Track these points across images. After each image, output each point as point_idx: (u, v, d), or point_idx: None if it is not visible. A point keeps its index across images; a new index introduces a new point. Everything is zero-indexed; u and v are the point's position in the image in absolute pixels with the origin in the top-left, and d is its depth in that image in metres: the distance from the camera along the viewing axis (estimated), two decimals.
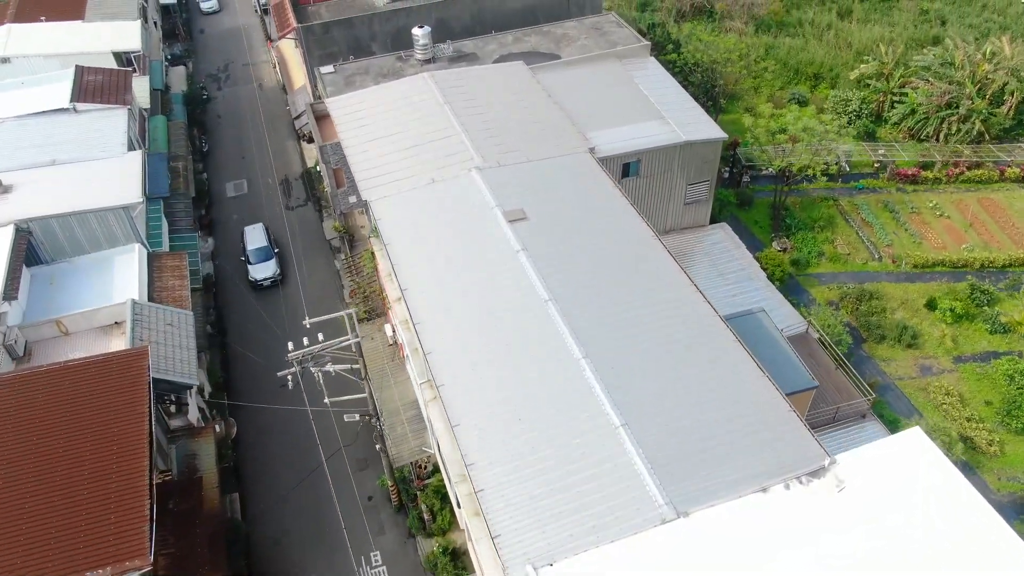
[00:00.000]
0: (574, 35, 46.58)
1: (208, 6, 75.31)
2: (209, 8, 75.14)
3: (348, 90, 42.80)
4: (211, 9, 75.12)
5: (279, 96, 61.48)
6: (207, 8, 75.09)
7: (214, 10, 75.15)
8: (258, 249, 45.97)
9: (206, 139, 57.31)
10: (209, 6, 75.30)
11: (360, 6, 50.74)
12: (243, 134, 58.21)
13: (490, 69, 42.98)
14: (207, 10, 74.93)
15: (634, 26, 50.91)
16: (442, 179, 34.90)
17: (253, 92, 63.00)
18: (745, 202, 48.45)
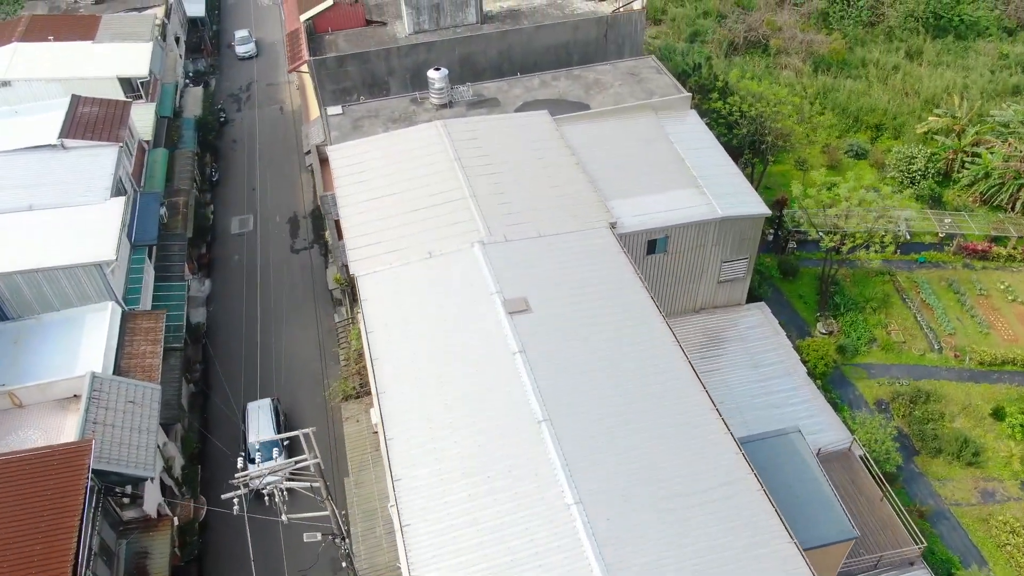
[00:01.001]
0: (607, 81, 42.27)
1: (244, 50, 67.93)
2: (246, 53, 67.80)
3: (354, 135, 39.24)
4: (248, 54, 67.85)
5: (299, 122, 58.43)
6: (243, 52, 67.75)
7: (251, 55, 67.96)
8: (265, 445, 34.17)
9: (217, 168, 54.47)
10: (245, 50, 67.91)
11: (380, 38, 47.16)
12: (256, 163, 55.27)
13: (510, 120, 38.98)
14: (243, 55, 67.76)
15: (674, 72, 46.45)
16: (441, 253, 31.06)
17: (274, 116, 60.07)
18: (789, 272, 43.59)
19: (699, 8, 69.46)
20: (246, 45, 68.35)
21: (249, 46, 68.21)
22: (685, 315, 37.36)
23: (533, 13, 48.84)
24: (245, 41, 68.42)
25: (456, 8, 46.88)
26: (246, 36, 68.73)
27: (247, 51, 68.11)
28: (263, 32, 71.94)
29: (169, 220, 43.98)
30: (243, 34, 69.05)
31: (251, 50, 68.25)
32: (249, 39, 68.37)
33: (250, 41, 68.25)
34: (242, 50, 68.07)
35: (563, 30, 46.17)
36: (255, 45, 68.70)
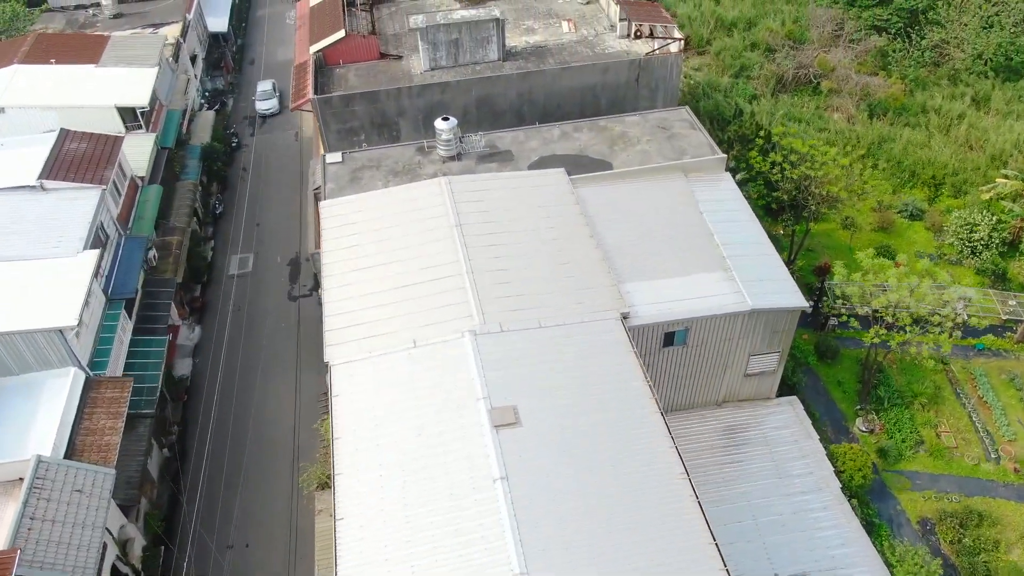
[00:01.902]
0: (634, 135, 38.31)
1: (266, 107, 60.10)
2: (268, 109, 60.11)
3: (352, 188, 35.99)
4: (270, 110, 60.17)
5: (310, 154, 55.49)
6: (264, 109, 60.04)
7: (272, 112, 60.18)
8: None
9: (222, 199, 51.79)
10: (267, 107, 60.10)
11: (393, 74, 43.89)
12: (263, 194, 52.51)
13: (522, 178, 35.32)
14: (264, 111, 60.05)
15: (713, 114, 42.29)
16: (427, 343, 27.58)
17: (287, 143, 57.27)
18: (828, 353, 39.15)
19: (747, 39, 64.82)
20: (268, 101, 60.53)
21: (271, 103, 60.40)
22: (705, 407, 33.33)
23: (561, 50, 45.16)
24: (267, 96, 60.73)
25: (476, 45, 43.42)
26: (269, 91, 60.93)
27: (269, 108, 60.34)
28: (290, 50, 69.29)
29: (159, 262, 41.32)
30: (266, 88, 61.30)
31: (273, 107, 60.34)
32: (272, 94, 60.68)
33: (273, 96, 60.55)
34: (263, 106, 60.37)
35: (590, 72, 42.39)
36: (279, 100, 60.70)
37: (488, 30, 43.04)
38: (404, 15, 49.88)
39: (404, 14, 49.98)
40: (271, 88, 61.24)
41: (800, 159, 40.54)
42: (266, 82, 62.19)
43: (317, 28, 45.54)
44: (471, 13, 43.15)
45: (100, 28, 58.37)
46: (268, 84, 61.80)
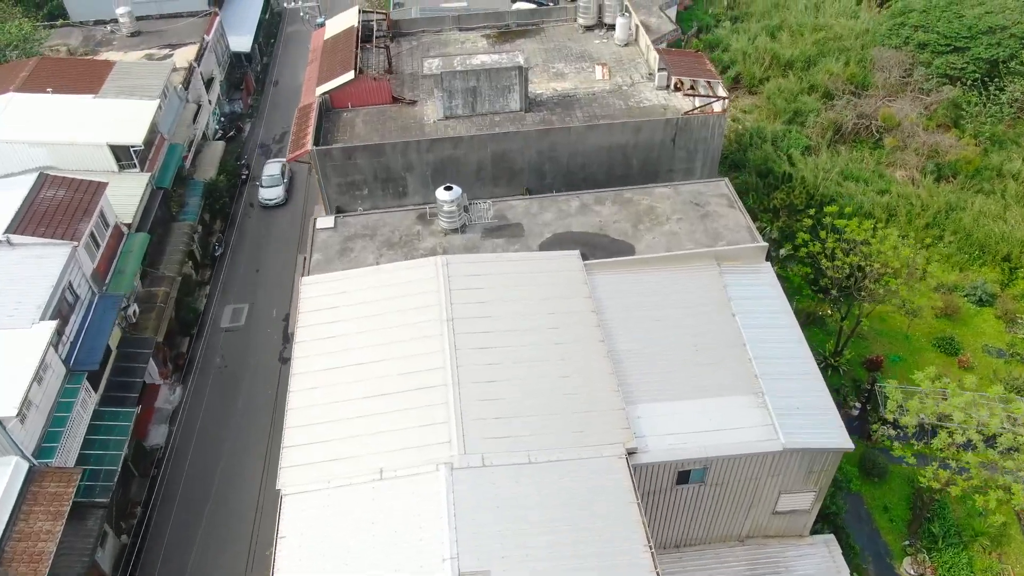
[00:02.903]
0: (663, 212, 33.75)
1: (271, 196, 51.49)
2: (272, 199, 51.42)
3: (340, 261, 32.22)
4: (275, 200, 51.46)
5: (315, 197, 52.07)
6: (269, 199, 51.44)
7: (277, 202, 51.57)
8: None
9: (223, 240, 48.62)
10: (272, 197, 51.46)
11: (404, 121, 40.04)
12: (267, 235, 49.26)
13: (530, 262, 31.08)
14: (268, 201, 51.44)
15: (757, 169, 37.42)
16: (395, 474, 23.64)
17: (301, 175, 53.92)
18: (875, 471, 34.13)
19: (804, 81, 59.41)
20: (273, 189, 51.47)
21: (277, 191, 51.44)
22: (724, 544, 28.72)
23: (591, 101, 40.79)
24: (274, 183, 51.72)
25: (496, 93, 39.33)
26: (276, 176, 52.06)
27: (273, 198, 51.31)
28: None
29: (140, 318, 38.23)
30: (273, 172, 52.26)
31: (278, 197, 51.37)
32: (278, 180, 51.94)
33: (279, 184, 51.81)
34: (268, 196, 51.37)
35: (620, 131, 37.94)
36: (285, 188, 52.12)
37: (510, 78, 38.91)
38: (425, 50, 46.11)
39: (425, 49, 46.20)
40: (279, 173, 52.63)
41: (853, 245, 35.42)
42: (275, 163, 53.63)
43: (327, 67, 41.95)
44: (492, 59, 39.06)
45: (116, 47, 55.96)
46: (276, 167, 53.02)
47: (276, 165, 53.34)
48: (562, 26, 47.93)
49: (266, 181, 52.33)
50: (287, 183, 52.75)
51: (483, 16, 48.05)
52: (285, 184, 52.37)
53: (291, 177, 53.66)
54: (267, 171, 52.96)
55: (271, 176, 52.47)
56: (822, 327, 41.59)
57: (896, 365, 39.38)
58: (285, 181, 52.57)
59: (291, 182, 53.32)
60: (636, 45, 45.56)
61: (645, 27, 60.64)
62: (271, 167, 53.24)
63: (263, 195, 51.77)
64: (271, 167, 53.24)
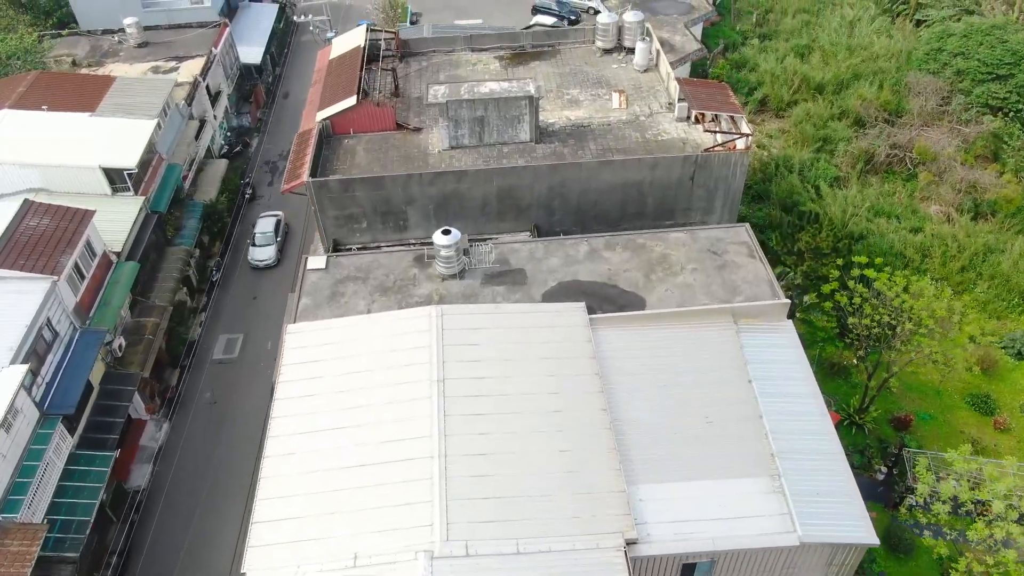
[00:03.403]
0: (678, 260, 31.39)
1: (261, 257, 46.36)
2: (263, 261, 46.28)
3: (330, 307, 30.24)
4: (265, 261, 46.33)
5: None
6: (259, 260, 46.35)
7: (270, 263, 46.44)
8: None
9: (221, 264, 46.89)
10: (263, 258, 46.32)
11: (407, 150, 38.01)
12: None
13: (531, 314, 28.88)
14: (258, 262, 46.35)
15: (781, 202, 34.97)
16: (370, 561, 21.61)
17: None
18: (901, 545, 31.57)
19: (835, 106, 56.55)
20: (265, 249, 46.43)
21: (268, 252, 46.30)
22: None
23: (605, 132, 38.51)
24: (266, 241, 46.70)
25: (505, 124, 37.20)
26: (269, 234, 46.90)
27: (265, 259, 46.25)
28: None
29: (126, 351, 36.57)
30: (266, 228, 47.12)
31: (269, 258, 46.22)
32: (271, 238, 46.85)
33: (272, 243, 46.65)
34: (258, 256, 46.35)
35: (635, 168, 35.63)
36: (279, 248, 47.00)
37: (519, 108, 36.75)
38: (434, 71, 44.08)
39: (434, 70, 44.17)
40: (272, 230, 47.09)
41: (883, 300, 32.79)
42: (268, 218, 47.98)
43: (329, 90, 40.05)
44: (501, 88, 36.90)
45: (123, 58, 54.54)
46: (270, 223, 47.47)
47: (270, 220, 48.00)
48: (579, 48, 45.64)
49: (258, 239, 46.92)
50: (281, 240, 47.58)
51: (496, 36, 45.93)
52: (279, 243, 47.26)
53: (287, 232, 48.67)
54: (260, 227, 47.65)
55: (264, 234, 47.08)
56: (846, 378, 39.00)
57: (926, 424, 36.74)
58: (279, 239, 47.32)
59: (286, 238, 48.32)
60: (656, 71, 43.14)
61: (669, 46, 58.53)
62: (264, 222, 47.87)
63: (253, 255, 46.47)
64: (264, 222, 47.87)
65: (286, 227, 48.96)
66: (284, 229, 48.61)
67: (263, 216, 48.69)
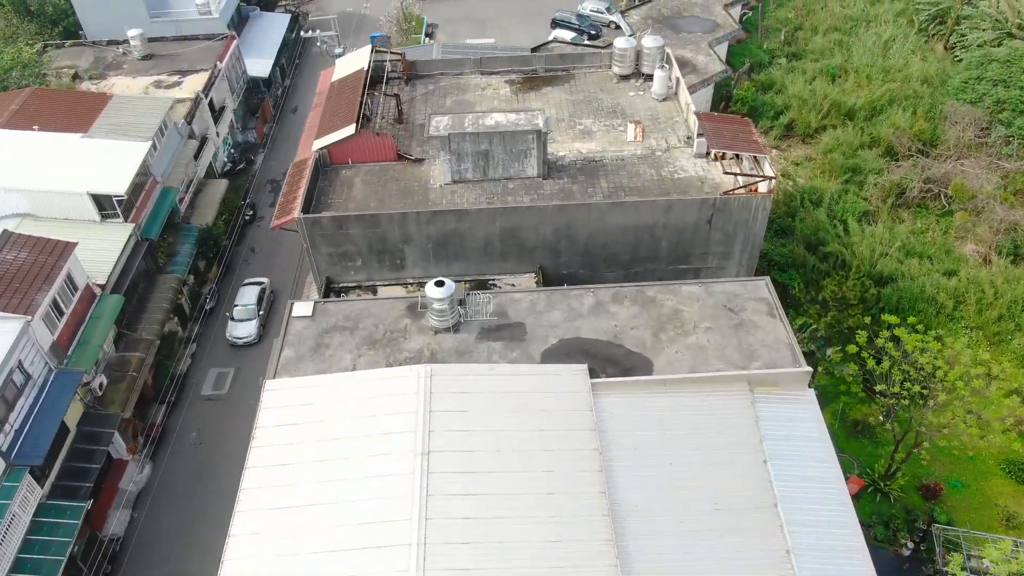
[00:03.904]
0: (690, 317, 28.97)
1: (240, 335, 41.76)
2: (242, 338, 41.70)
3: (313, 360, 28.19)
4: (245, 339, 41.73)
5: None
6: (238, 338, 41.77)
7: (250, 340, 41.71)
8: None
9: (216, 292, 45.05)
10: (242, 335, 41.73)
11: (407, 183, 35.93)
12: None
13: (528, 377, 26.64)
14: (236, 339, 41.76)
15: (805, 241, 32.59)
16: None
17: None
18: None
19: (865, 133, 53.68)
20: (245, 325, 41.78)
21: (249, 328, 41.68)
22: None
23: (619, 168, 36.19)
24: (247, 315, 41.99)
25: (511, 158, 35.01)
26: (251, 308, 42.09)
27: (244, 336, 41.65)
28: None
29: (107, 390, 34.87)
30: (248, 301, 42.33)
31: (249, 335, 41.59)
32: (253, 312, 42.07)
33: (254, 317, 41.96)
34: (238, 333, 41.76)
35: (648, 210, 33.28)
36: (262, 322, 42.23)
37: (526, 142, 34.53)
38: (442, 95, 41.97)
39: (442, 94, 42.05)
40: (254, 302, 42.22)
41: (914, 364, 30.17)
42: (252, 287, 43.11)
43: (328, 116, 38.06)
44: (508, 120, 34.67)
45: (126, 70, 53.04)
46: (253, 293, 42.61)
47: (253, 290, 42.90)
48: (595, 73, 43.28)
49: (238, 313, 42.02)
50: (265, 314, 42.54)
51: (507, 60, 43.66)
52: (262, 316, 42.35)
53: (272, 302, 43.45)
54: (241, 298, 42.61)
55: (245, 307, 42.08)
56: (871, 437, 36.39)
57: (957, 492, 34.05)
58: (262, 313, 42.41)
59: (271, 309, 43.02)
60: (675, 100, 40.70)
61: (691, 66, 55.98)
62: (247, 293, 42.83)
63: (231, 331, 41.72)
64: (247, 293, 42.83)
65: (271, 296, 44.01)
66: (269, 299, 43.75)
67: (246, 283, 43.93)
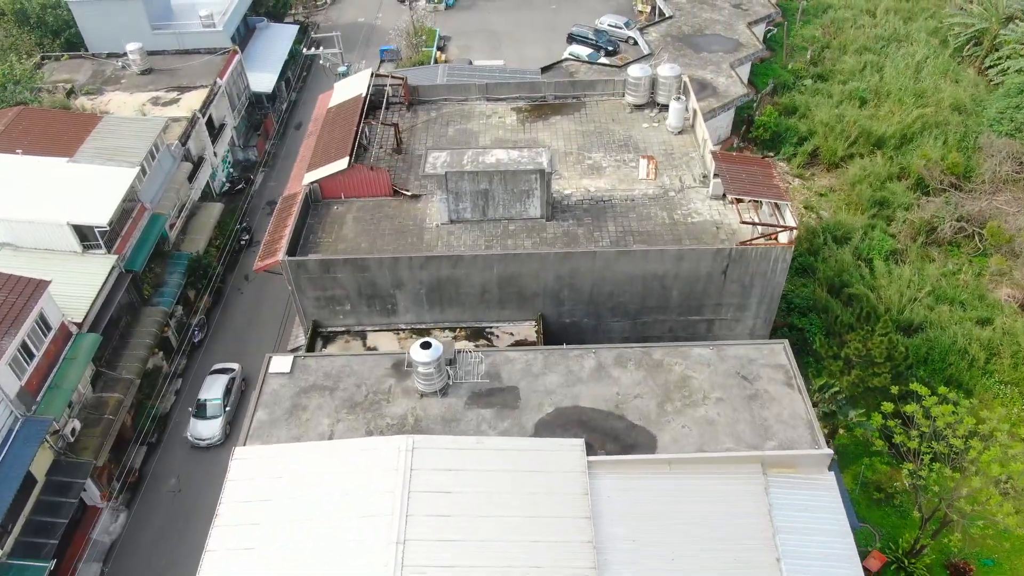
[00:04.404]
0: (699, 385, 26.48)
1: (203, 435, 36.58)
2: (205, 439, 36.52)
3: (288, 424, 26.05)
4: (208, 440, 36.46)
5: None
6: (200, 439, 36.57)
7: (213, 442, 36.39)
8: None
9: (205, 324, 43.13)
10: (205, 436, 36.56)
11: (403, 221, 33.77)
12: (259, 318, 43.61)
13: (518, 454, 24.32)
14: (198, 440, 36.54)
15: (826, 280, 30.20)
16: None
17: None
18: None
19: (895, 162, 50.83)
20: (209, 424, 36.57)
21: (213, 427, 36.48)
22: None
23: (628, 210, 33.82)
24: (213, 412, 36.89)
25: (513, 198, 32.75)
26: (216, 403, 36.95)
27: (208, 437, 36.49)
28: None
29: (80, 435, 32.99)
30: (214, 396, 37.12)
31: (213, 436, 36.39)
32: (218, 408, 36.94)
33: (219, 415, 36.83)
34: (200, 433, 36.61)
35: (658, 260, 30.85)
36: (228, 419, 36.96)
37: (529, 182, 32.23)
38: (444, 123, 39.76)
39: (444, 122, 39.84)
40: (220, 397, 37.06)
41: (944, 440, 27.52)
42: (219, 376, 38.05)
43: (322, 147, 35.96)
44: (510, 158, 32.38)
45: (124, 85, 51.33)
46: (220, 385, 37.46)
47: (220, 381, 37.63)
48: (607, 102, 40.84)
49: (200, 410, 36.87)
50: (232, 410, 37.23)
51: (515, 86, 41.30)
52: (229, 413, 37.09)
53: (243, 392, 38.00)
54: (206, 391, 37.29)
55: (212, 403, 36.87)
56: (896, 505, 33.71)
57: (989, 573, 31.30)
58: (229, 409, 37.09)
59: (241, 400, 37.44)
60: (692, 133, 38.18)
61: (712, 89, 53.39)
62: (212, 385, 37.53)
63: (192, 431, 36.57)
64: (212, 385, 37.53)
65: (242, 386, 38.69)
66: (239, 389, 38.41)
67: (213, 372, 38.79)
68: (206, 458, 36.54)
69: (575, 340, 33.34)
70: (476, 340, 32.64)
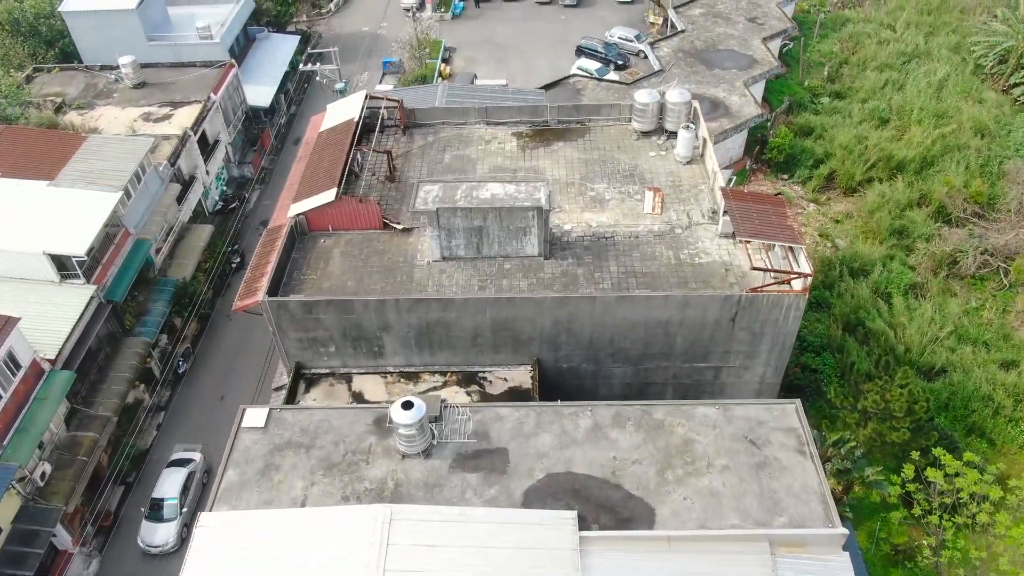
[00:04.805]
0: (703, 450, 24.46)
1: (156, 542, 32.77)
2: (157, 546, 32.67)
3: (259, 486, 24.24)
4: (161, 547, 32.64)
5: None
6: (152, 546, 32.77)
7: (166, 549, 32.56)
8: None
9: (191, 354, 41.42)
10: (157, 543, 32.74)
11: (392, 257, 31.96)
12: (243, 349, 41.85)
13: (505, 528, 22.42)
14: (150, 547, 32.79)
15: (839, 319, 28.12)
16: None
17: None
18: None
19: (913, 189, 48.56)
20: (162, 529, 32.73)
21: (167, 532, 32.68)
22: None
23: (631, 248, 31.85)
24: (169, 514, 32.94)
25: (509, 235, 30.86)
26: (172, 504, 32.98)
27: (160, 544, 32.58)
28: None
29: (51, 478, 31.38)
30: (170, 493, 33.24)
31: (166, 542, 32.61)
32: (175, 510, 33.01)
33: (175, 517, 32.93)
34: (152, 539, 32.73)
35: (662, 306, 28.87)
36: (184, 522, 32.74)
37: (526, 219, 30.32)
38: (441, 148, 37.93)
39: (441, 147, 38.01)
40: (176, 495, 33.07)
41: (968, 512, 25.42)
42: (176, 470, 34.05)
43: (309, 176, 34.19)
44: (506, 193, 30.48)
45: (116, 100, 49.80)
46: (178, 480, 33.53)
47: (178, 475, 33.65)
48: (613, 128, 38.85)
49: (155, 512, 32.90)
50: (189, 511, 33.00)
51: (516, 110, 39.36)
52: (185, 514, 32.97)
53: (204, 485, 34.03)
54: (162, 486, 33.37)
55: (168, 502, 32.83)
56: (913, 564, 31.56)
57: None
58: (185, 510, 33.00)
59: (200, 501, 32.73)
60: (701, 164, 36.15)
61: (724, 108, 51.29)
62: (169, 480, 33.53)
63: (144, 536, 32.66)
64: (169, 480, 33.53)
65: (204, 478, 34.58)
66: (200, 482, 34.35)
67: (172, 462, 34.76)
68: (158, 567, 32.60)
69: (573, 386, 31.50)
70: (468, 385, 30.79)
